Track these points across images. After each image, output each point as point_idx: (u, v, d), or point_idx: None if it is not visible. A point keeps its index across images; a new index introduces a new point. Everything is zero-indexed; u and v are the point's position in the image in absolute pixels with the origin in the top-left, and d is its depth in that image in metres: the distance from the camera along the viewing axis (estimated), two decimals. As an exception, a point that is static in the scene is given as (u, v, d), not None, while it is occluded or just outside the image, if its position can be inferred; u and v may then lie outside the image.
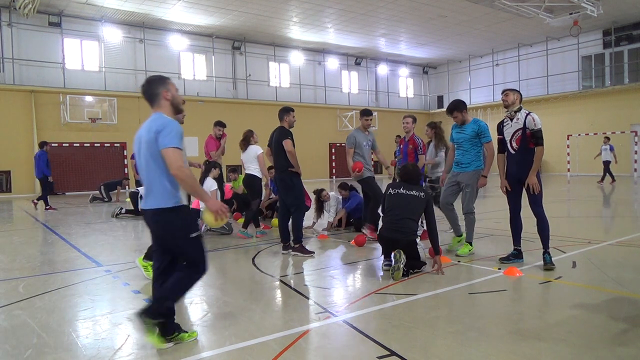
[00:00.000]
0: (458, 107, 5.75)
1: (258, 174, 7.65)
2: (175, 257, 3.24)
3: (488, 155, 5.79)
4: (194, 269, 3.17)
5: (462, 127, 5.81)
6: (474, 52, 27.48)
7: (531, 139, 4.98)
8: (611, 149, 17.58)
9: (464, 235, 5.92)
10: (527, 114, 5.04)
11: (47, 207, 12.63)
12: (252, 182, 7.66)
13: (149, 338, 2.96)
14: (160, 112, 3.12)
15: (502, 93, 5.27)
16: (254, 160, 7.61)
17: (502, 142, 5.27)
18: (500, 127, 5.31)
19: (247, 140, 7.70)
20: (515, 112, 5.10)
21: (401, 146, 7.26)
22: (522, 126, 5.02)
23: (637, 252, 5.89)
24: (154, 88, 3.16)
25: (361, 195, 8.16)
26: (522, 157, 5.04)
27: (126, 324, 3.60)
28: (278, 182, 6.29)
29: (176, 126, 3.02)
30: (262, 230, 7.83)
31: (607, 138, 18.07)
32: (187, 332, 3.21)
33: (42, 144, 13.04)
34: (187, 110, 15.88)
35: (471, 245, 5.80)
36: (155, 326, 2.97)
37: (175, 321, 3.17)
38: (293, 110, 6.36)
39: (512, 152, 5.14)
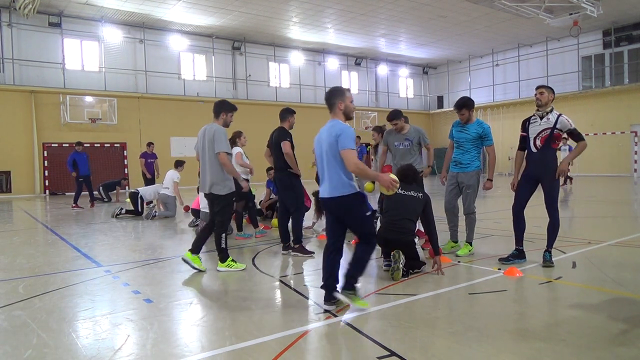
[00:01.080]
0: (467, 104, 5.70)
1: (243, 175, 7.60)
2: (342, 236, 4.01)
3: (491, 158, 5.78)
4: (369, 243, 3.91)
5: (464, 126, 5.77)
6: (474, 53, 27.49)
7: (571, 138, 5.01)
8: (570, 149, 17.28)
9: (459, 243, 5.92)
10: (559, 115, 5.03)
11: (73, 205, 13.00)
12: (236, 183, 7.59)
13: (356, 304, 3.73)
14: (337, 119, 3.89)
15: (537, 89, 5.16)
16: (235, 161, 7.57)
17: (523, 140, 5.25)
18: (525, 124, 5.26)
19: (233, 141, 7.65)
20: (548, 112, 5.08)
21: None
22: (551, 126, 5.00)
23: (637, 252, 5.88)
24: (334, 98, 3.92)
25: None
26: (543, 156, 5.04)
27: (126, 324, 3.60)
28: (277, 183, 6.29)
29: (351, 131, 3.77)
30: (261, 230, 7.83)
31: (565, 138, 17.77)
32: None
33: (77, 144, 13.48)
34: (187, 110, 15.92)
35: (471, 245, 5.80)
36: (356, 294, 3.77)
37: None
38: (295, 113, 6.37)
39: (534, 150, 5.11)
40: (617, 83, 22.88)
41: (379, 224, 5.25)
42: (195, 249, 5.30)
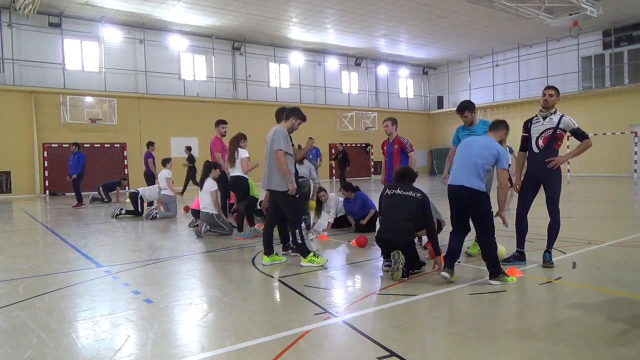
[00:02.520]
0: (469, 107, 5.75)
1: (245, 175, 7.64)
2: (467, 221, 4.77)
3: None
4: (489, 233, 4.59)
5: (470, 128, 5.81)
6: (474, 53, 27.48)
7: (575, 137, 5.04)
8: (510, 151, 16.20)
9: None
10: (562, 116, 5.04)
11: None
12: (238, 183, 7.63)
13: (508, 282, 4.46)
14: (492, 138, 4.82)
15: (547, 90, 5.15)
16: (239, 163, 7.59)
17: (525, 140, 5.26)
18: (527, 125, 5.26)
19: (238, 141, 7.67)
20: (551, 113, 5.10)
21: (385, 147, 7.10)
22: (554, 126, 5.02)
23: (637, 252, 5.89)
24: (503, 127, 4.94)
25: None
26: (546, 156, 5.05)
27: (126, 324, 3.61)
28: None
29: (506, 154, 4.76)
30: (256, 229, 7.80)
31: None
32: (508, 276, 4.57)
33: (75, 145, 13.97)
34: (187, 110, 15.98)
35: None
36: (503, 275, 4.50)
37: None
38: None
39: (536, 150, 5.12)
40: (617, 83, 22.86)
41: (378, 225, 5.25)
42: (268, 250, 5.61)
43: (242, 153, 7.58)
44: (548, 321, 3.53)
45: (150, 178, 13.52)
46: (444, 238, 6.32)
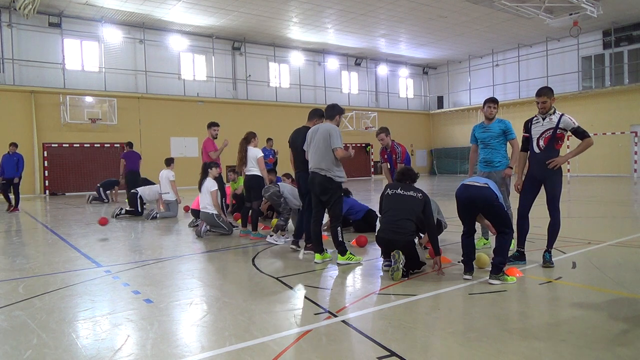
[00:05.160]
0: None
1: (260, 174, 7.66)
2: (474, 222, 4.86)
3: (515, 150, 5.85)
4: (506, 233, 4.60)
5: (487, 126, 5.87)
6: (474, 53, 27.49)
7: (576, 136, 5.00)
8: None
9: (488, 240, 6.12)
10: (562, 115, 5.03)
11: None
12: (254, 182, 7.64)
13: (508, 281, 4.49)
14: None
15: (539, 98, 4.99)
16: (254, 162, 7.61)
17: (526, 141, 5.26)
18: (528, 125, 5.26)
19: (247, 141, 7.70)
20: (550, 114, 5.09)
21: (385, 156, 7.27)
22: (554, 126, 5.01)
23: (637, 252, 5.88)
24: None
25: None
26: (546, 157, 5.04)
27: (126, 324, 3.60)
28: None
29: None
30: (247, 230, 7.78)
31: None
32: (509, 275, 4.59)
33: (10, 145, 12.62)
34: (187, 110, 15.91)
35: (486, 239, 5.92)
36: (504, 275, 4.52)
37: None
38: (323, 116, 6.05)
39: (537, 151, 5.12)
40: (617, 83, 22.87)
41: (378, 225, 5.24)
42: (319, 249, 5.62)
43: (256, 152, 7.57)
44: (548, 321, 3.53)
45: (135, 177, 12.99)
46: (444, 239, 6.36)
